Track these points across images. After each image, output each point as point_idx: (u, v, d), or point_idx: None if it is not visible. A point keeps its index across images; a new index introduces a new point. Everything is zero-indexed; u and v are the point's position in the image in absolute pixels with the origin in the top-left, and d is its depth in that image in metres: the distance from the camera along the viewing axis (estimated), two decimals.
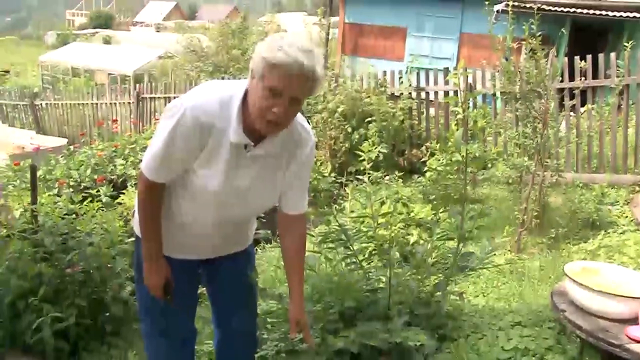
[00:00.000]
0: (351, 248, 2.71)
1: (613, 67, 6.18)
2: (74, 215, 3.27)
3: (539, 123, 4.66)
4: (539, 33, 4.79)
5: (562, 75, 6.06)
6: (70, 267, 2.93)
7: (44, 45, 40.90)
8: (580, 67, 5.90)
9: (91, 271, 3.02)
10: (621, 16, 11.16)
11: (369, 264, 2.88)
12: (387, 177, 6.25)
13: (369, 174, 6.51)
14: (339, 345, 2.15)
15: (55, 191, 5.98)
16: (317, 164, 6.42)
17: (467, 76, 6.89)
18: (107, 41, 27.79)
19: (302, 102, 1.81)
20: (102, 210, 3.86)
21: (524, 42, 4.82)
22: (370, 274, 2.77)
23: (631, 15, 11.16)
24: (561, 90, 5.88)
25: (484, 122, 4.38)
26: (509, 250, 4.67)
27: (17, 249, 2.98)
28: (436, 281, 2.79)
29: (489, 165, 6.08)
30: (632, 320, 2.16)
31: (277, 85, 1.70)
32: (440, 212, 2.85)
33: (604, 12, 11.27)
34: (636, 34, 11.56)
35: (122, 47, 24.26)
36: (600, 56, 6.33)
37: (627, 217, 5.57)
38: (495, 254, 3.33)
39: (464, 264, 2.67)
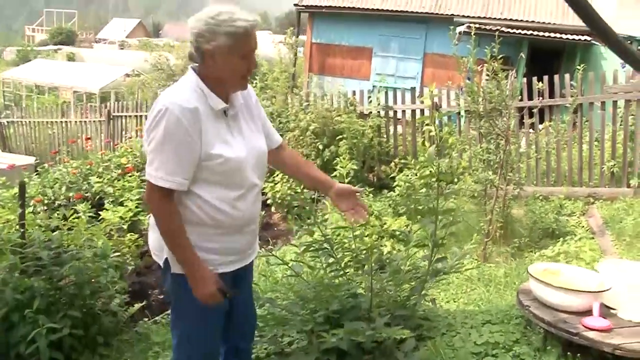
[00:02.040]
0: (334, 256, 2.92)
1: (567, 87, 6.61)
2: (64, 231, 3.37)
3: (501, 140, 4.98)
4: (500, 56, 5.13)
5: (521, 95, 6.45)
6: (63, 280, 3.05)
7: (2, 61, 40.10)
8: (538, 88, 6.29)
9: (83, 283, 3.13)
10: (573, 39, 11.80)
11: (348, 272, 3.10)
12: None
13: None
14: (331, 341, 2.34)
15: (30, 209, 6.02)
16: (289, 181, 6.61)
17: (435, 96, 7.21)
18: (70, 58, 27.54)
19: None
20: (89, 225, 3.96)
21: (486, 64, 5.15)
22: (352, 280, 2.98)
23: (583, 38, 11.81)
24: (521, 109, 6.26)
25: (454, 139, 4.68)
26: (476, 259, 4.94)
27: (8, 263, 3.08)
28: (412, 285, 3.02)
29: (456, 180, 6.39)
30: (587, 312, 2.43)
31: (251, 47, 2.02)
32: (414, 224, 3.07)
33: (558, 35, 11.91)
34: (587, 56, 12.25)
35: (87, 64, 24.08)
36: (556, 77, 6.75)
37: (583, 226, 5.94)
38: (464, 262, 3.58)
39: (438, 268, 2.91)
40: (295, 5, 14.30)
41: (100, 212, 5.50)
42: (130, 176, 6.34)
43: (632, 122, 6.40)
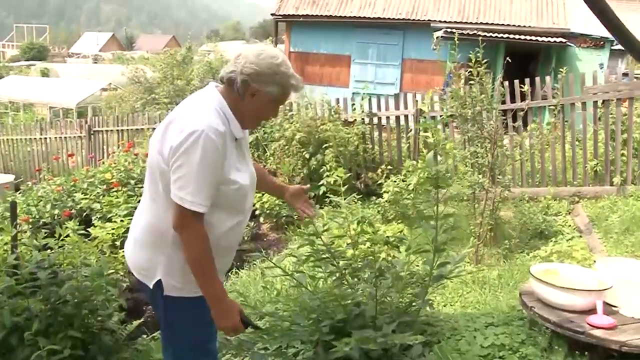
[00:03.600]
0: (336, 265, 2.92)
1: (549, 89, 6.73)
2: (60, 249, 3.32)
3: (489, 143, 5.05)
4: (485, 60, 5.21)
5: (504, 97, 6.53)
6: (62, 300, 3.00)
7: None
8: (523, 91, 6.38)
9: (81, 303, 3.08)
10: (549, 41, 12.03)
11: (349, 280, 3.10)
12: (345, 200, 6.50)
13: (329, 197, 6.77)
14: (343, 350, 2.34)
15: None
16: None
17: (417, 101, 7.29)
18: (45, 74, 27.14)
19: None
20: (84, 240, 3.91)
21: (469, 68, 5.21)
22: (353, 288, 2.98)
23: (558, 40, 12.04)
24: (504, 111, 6.34)
25: (451, 144, 4.72)
26: (469, 262, 4.99)
27: (4, 285, 3.02)
28: (415, 291, 3.03)
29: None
30: (590, 311, 2.47)
31: (284, 102, 2.18)
32: (410, 229, 3.09)
33: (533, 38, 12.13)
34: (562, 57, 12.49)
35: (62, 79, 23.77)
36: (537, 79, 6.86)
37: (569, 225, 6.04)
38: (462, 265, 3.61)
39: (440, 273, 2.92)
40: (273, 14, 14.34)
41: (88, 229, 5.43)
42: (116, 191, 6.27)
43: (612, 122, 6.53)
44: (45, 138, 11.49)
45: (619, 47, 13.03)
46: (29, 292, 3.04)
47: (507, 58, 5.51)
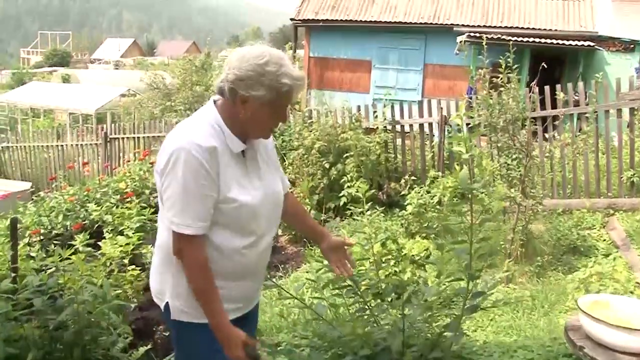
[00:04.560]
0: (360, 294, 2.64)
1: (581, 95, 6.37)
2: (60, 271, 3.09)
3: (520, 153, 4.73)
4: (515, 65, 4.89)
5: (534, 104, 6.21)
6: (60, 328, 2.76)
7: None
8: (556, 97, 6.02)
9: (82, 330, 2.85)
10: (576, 45, 11.62)
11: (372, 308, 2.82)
12: (368, 213, 6.22)
13: (350, 209, 6.49)
14: None
15: (26, 240, 5.74)
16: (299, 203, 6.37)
17: (441, 108, 6.98)
18: (66, 79, 27.34)
19: None
20: (88, 258, 3.68)
21: (494, 73, 4.90)
22: (379, 319, 2.70)
23: (585, 44, 11.62)
24: (534, 119, 6.01)
25: (488, 162, 4.38)
26: (499, 281, 4.67)
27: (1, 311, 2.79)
28: (445, 321, 2.74)
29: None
30: None
31: (287, 103, 1.91)
32: (445, 251, 2.80)
33: (560, 42, 11.72)
34: (590, 61, 12.07)
35: (82, 85, 23.88)
36: (570, 85, 6.51)
37: (604, 240, 5.68)
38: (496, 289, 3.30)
39: (475, 303, 2.63)
40: (292, 19, 14.13)
41: (99, 242, 5.22)
42: (129, 202, 6.06)
43: None
44: (62, 145, 11.39)
45: None
46: (25, 319, 2.81)
47: (543, 63, 5.17)
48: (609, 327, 2.25)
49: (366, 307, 2.72)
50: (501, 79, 4.94)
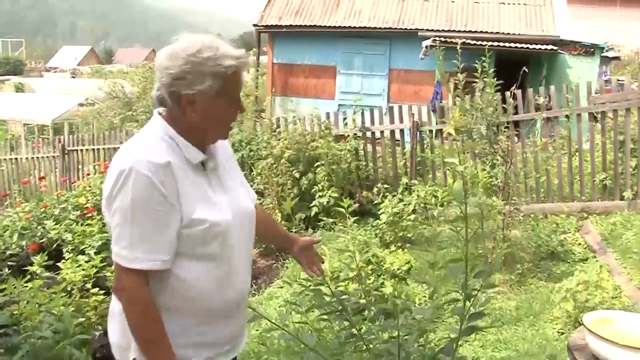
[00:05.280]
0: (350, 320, 2.44)
1: (553, 99, 6.33)
2: (15, 303, 2.79)
3: (497, 159, 4.62)
4: (493, 69, 4.80)
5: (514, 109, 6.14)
6: None
7: None
8: (538, 102, 5.96)
9: None
10: (539, 49, 11.73)
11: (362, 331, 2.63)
12: (339, 222, 6.06)
13: (322, 220, 6.30)
14: None
15: None
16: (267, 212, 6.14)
17: (413, 114, 6.86)
18: (19, 89, 26.34)
19: None
20: (43, 290, 3.38)
21: (470, 78, 4.82)
22: (368, 343, 2.50)
23: (548, 47, 11.75)
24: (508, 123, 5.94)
25: (485, 175, 4.18)
26: (492, 297, 4.54)
27: None
28: (439, 344, 2.56)
29: (442, 204, 6.02)
30: None
31: (239, 88, 1.67)
32: (438, 268, 2.62)
33: (523, 45, 11.82)
34: (553, 65, 12.23)
35: (37, 94, 23.02)
36: (552, 88, 6.46)
37: (580, 244, 5.63)
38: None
39: (473, 324, 2.45)
40: (255, 25, 13.87)
41: (59, 264, 4.88)
42: (90, 218, 5.72)
43: (620, 131, 6.17)
44: (16, 158, 10.84)
45: (608, 54, 12.85)
46: None
47: (525, 67, 5.12)
48: (616, 347, 2.10)
49: (355, 331, 2.52)
50: (477, 83, 4.84)
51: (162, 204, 1.52)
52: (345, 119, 7.35)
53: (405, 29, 13.04)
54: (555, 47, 11.79)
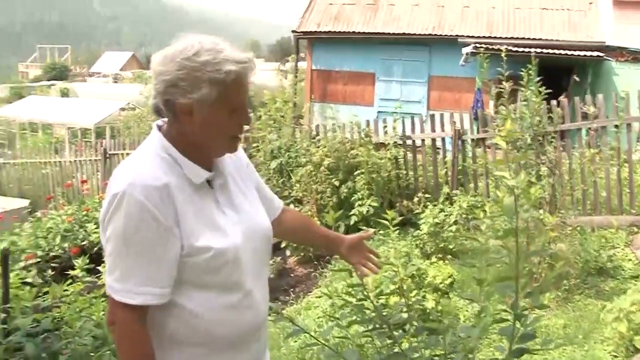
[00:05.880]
0: (393, 337, 2.35)
1: (601, 108, 6.11)
2: (56, 308, 2.80)
3: (545, 170, 4.46)
4: (539, 78, 4.66)
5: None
6: None
7: None
8: (586, 111, 5.77)
9: None
10: (584, 55, 11.41)
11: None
12: (380, 232, 5.96)
13: (361, 229, 6.20)
14: None
15: (22, 264, 5.47)
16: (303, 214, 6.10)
17: (454, 122, 6.73)
18: (64, 93, 27.10)
19: None
20: (83, 294, 3.39)
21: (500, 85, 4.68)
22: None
23: (593, 54, 11.42)
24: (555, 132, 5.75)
25: (539, 190, 4.01)
26: (542, 316, 4.37)
27: None
28: None
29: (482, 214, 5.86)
30: None
31: (242, 98, 1.47)
32: (485, 286, 2.51)
33: (567, 52, 11.51)
34: (598, 72, 11.86)
35: (81, 99, 23.65)
36: (601, 97, 6.25)
37: (630, 260, 5.40)
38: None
39: (522, 346, 2.34)
40: (294, 32, 13.92)
41: (99, 267, 4.94)
42: None
43: None
44: (60, 161, 11.11)
45: None
46: None
47: (574, 76, 4.95)
48: None
49: (398, 348, 2.44)
50: (523, 91, 4.69)
51: (157, 232, 1.36)
52: (385, 126, 7.26)
53: (445, 35, 12.88)
54: (600, 54, 11.44)
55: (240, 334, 1.53)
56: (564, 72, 12.16)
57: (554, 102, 5.94)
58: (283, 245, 6.06)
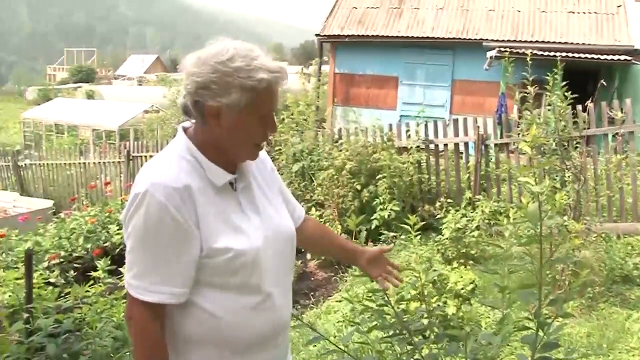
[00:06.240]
0: (413, 343, 2.32)
1: (629, 113, 5.98)
2: (78, 308, 2.83)
3: (570, 176, 4.38)
4: (565, 82, 4.58)
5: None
6: None
7: (24, 101, 40.58)
8: (612, 116, 5.67)
9: None
10: (612, 59, 11.20)
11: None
12: (404, 239, 5.93)
13: (383, 233, 6.18)
14: None
15: (45, 264, 5.54)
16: (324, 224, 6.09)
17: (478, 126, 6.65)
18: (90, 96, 27.55)
19: None
20: (104, 295, 3.42)
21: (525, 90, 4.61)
22: None
23: (621, 58, 11.20)
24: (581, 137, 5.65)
25: (563, 196, 3.93)
26: (564, 324, 4.30)
27: (11, 358, 2.52)
28: None
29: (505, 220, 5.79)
30: None
31: (271, 107, 1.49)
32: (507, 293, 2.47)
33: (594, 56, 11.31)
34: (625, 76, 11.62)
35: (106, 101, 23.99)
36: (628, 101, 6.13)
37: None
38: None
39: (545, 355, 2.29)
40: (317, 35, 13.93)
41: (120, 269, 4.98)
42: None
43: None
44: (85, 163, 11.27)
45: None
46: None
47: (602, 80, 4.87)
48: None
49: (419, 355, 2.41)
50: (547, 96, 4.62)
51: (175, 233, 1.39)
52: (408, 130, 7.21)
53: (470, 39, 12.76)
54: (628, 58, 11.22)
55: (258, 338, 1.52)
56: (591, 77, 11.98)
57: (579, 107, 5.84)
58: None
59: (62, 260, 5.79)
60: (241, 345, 1.50)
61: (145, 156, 10.05)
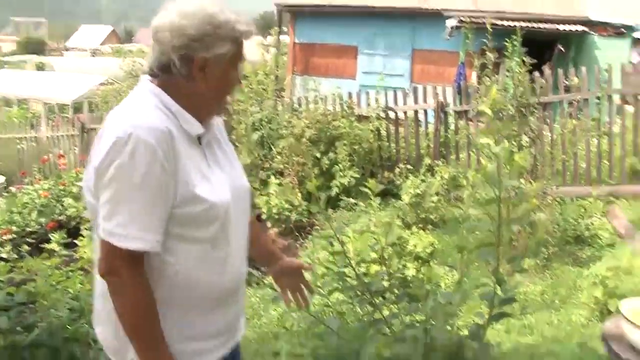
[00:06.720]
0: (374, 302, 2.34)
1: (584, 81, 6.12)
2: (32, 281, 2.74)
3: (527, 141, 4.47)
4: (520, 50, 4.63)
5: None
6: (33, 346, 2.42)
7: None
8: (568, 83, 5.78)
9: (57, 349, 2.50)
10: (569, 30, 11.41)
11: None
12: (361, 203, 5.95)
13: (342, 199, 6.20)
14: None
15: None
16: (285, 193, 6.07)
17: (437, 94, 6.69)
18: (40, 68, 26.53)
19: None
20: (60, 268, 3.33)
21: (506, 57, 4.66)
22: (397, 329, 2.41)
23: (578, 28, 11.42)
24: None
25: (523, 157, 3.98)
26: (520, 282, 4.41)
27: None
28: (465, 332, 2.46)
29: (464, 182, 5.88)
30: None
31: (244, 59, 1.54)
32: (465, 252, 2.51)
33: (552, 26, 11.49)
34: (581, 46, 11.87)
35: (58, 74, 23.14)
36: (584, 69, 6.26)
37: (606, 229, 5.46)
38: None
39: (502, 310, 2.35)
40: (277, 4, 13.69)
41: (76, 241, 4.87)
42: None
43: None
44: (36, 137, 10.90)
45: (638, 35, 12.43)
46: None
47: (559, 45, 4.94)
48: None
49: (379, 315, 2.43)
50: (506, 63, 4.67)
51: (162, 177, 1.35)
52: (369, 99, 7.21)
53: (430, 9, 12.75)
54: (584, 28, 11.45)
55: (224, 292, 1.53)
56: (548, 46, 12.18)
57: (537, 73, 5.94)
58: (265, 216, 6.04)
59: (14, 235, 5.62)
60: (207, 301, 1.49)
61: (100, 128, 9.78)
